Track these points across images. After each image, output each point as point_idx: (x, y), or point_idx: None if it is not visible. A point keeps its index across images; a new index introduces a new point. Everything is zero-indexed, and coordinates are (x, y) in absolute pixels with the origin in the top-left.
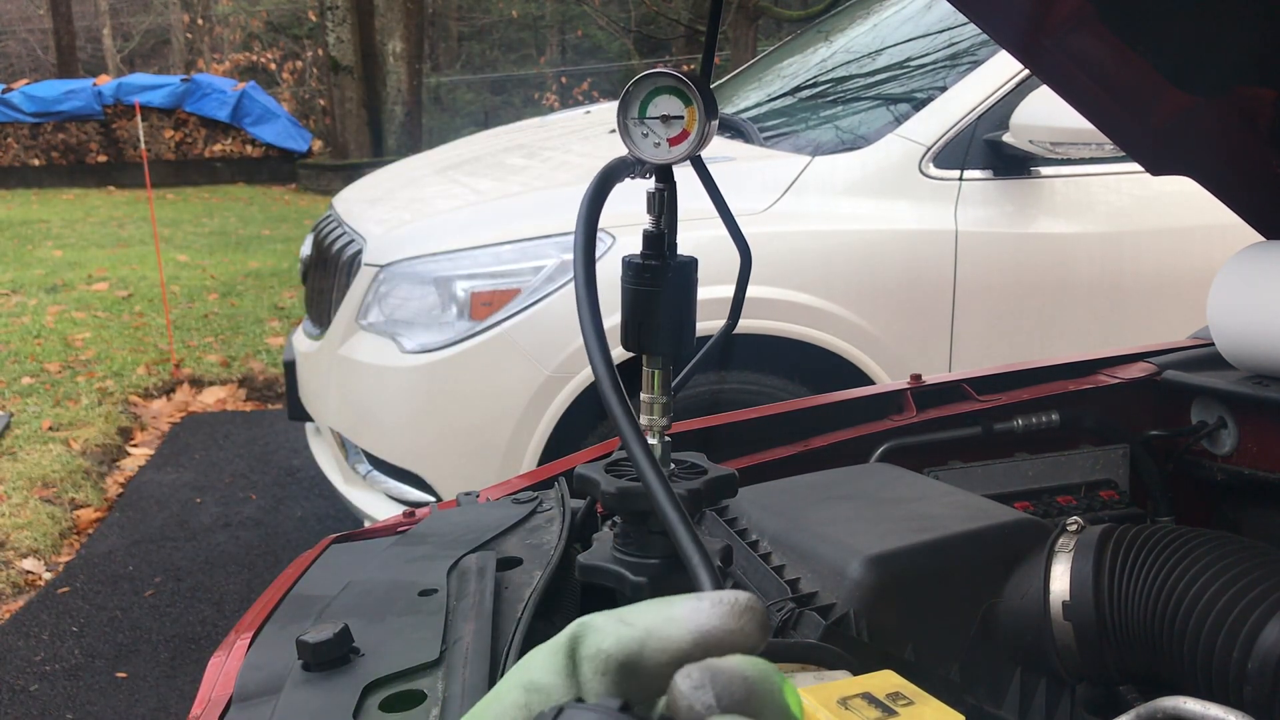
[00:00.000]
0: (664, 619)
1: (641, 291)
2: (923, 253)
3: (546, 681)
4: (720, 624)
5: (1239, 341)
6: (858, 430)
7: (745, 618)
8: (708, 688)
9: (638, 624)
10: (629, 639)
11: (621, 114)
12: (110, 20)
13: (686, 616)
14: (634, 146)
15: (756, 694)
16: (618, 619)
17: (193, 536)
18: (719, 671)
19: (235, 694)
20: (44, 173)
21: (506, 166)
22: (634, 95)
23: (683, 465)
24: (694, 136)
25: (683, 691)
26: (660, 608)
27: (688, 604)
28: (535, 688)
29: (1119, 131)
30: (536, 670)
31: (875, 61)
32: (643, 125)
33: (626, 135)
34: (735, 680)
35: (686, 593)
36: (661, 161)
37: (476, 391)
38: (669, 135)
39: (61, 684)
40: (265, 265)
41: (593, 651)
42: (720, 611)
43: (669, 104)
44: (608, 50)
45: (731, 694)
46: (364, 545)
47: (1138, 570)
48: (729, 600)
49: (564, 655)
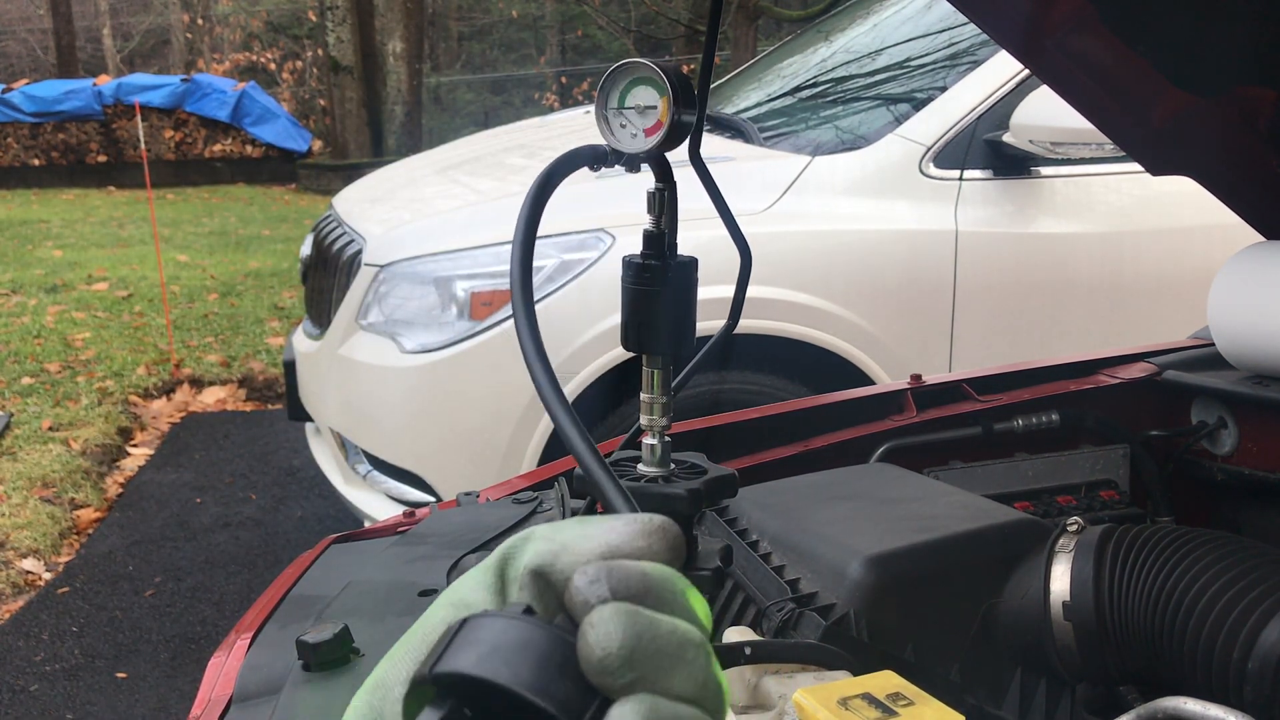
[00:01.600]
0: (579, 535)
1: (641, 291)
2: (923, 253)
3: (474, 598)
4: (628, 540)
5: (1239, 341)
6: (858, 430)
7: (655, 536)
8: (602, 581)
9: (555, 539)
10: (545, 552)
11: (600, 104)
12: (110, 20)
13: (598, 533)
14: (611, 137)
15: (654, 589)
16: (541, 536)
17: (193, 536)
18: (615, 568)
19: (235, 694)
20: (44, 173)
21: (506, 166)
22: (611, 86)
23: (683, 465)
24: (666, 126)
25: (578, 586)
26: (579, 525)
27: (604, 522)
28: (463, 604)
29: (1119, 131)
30: (466, 588)
31: (875, 61)
32: (621, 116)
33: (604, 125)
34: (632, 575)
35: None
36: (636, 152)
37: (477, 392)
38: (645, 125)
39: (61, 684)
40: (265, 265)
41: (517, 569)
42: (632, 530)
43: (645, 94)
44: (608, 50)
45: (627, 586)
46: (364, 545)
47: (1138, 570)
48: (642, 520)
49: (494, 573)
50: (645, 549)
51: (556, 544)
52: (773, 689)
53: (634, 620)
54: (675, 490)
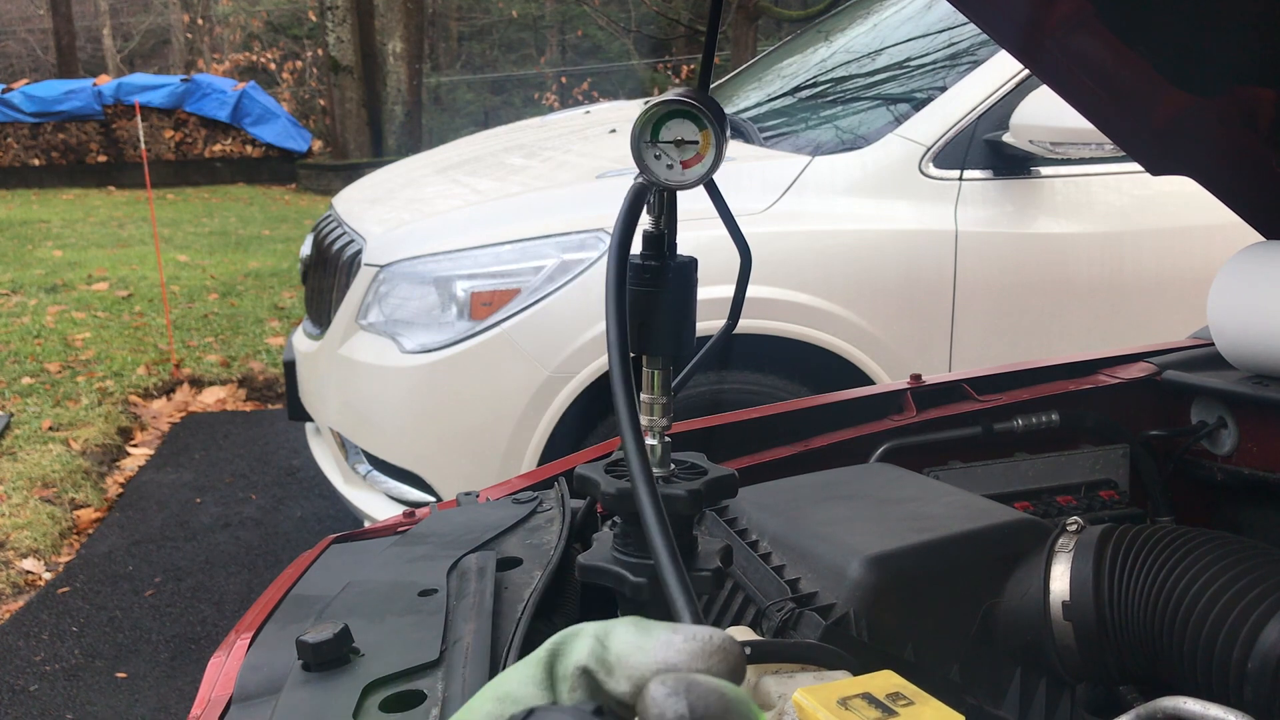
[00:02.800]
0: (635, 647)
1: (641, 292)
2: (923, 253)
3: (522, 693)
4: (687, 662)
5: (1239, 341)
6: (858, 430)
7: (715, 658)
8: (682, 696)
9: (611, 648)
10: (599, 659)
11: (635, 138)
12: (110, 20)
13: (656, 649)
14: (649, 171)
15: (732, 710)
16: (594, 637)
17: (193, 536)
18: (695, 683)
19: (235, 694)
20: (44, 173)
21: (506, 166)
22: (645, 121)
23: (683, 465)
24: (710, 158)
25: (655, 697)
26: (636, 634)
27: (662, 636)
28: (510, 699)
29: (1119, 131)
30: (512, 682)
31: (875, 61)
32: (655, 148)
33: (640, 161)
34: (711, 693)
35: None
36: (676, 184)
37: (476, 392)
38: (683, 158)
39: (61, 684)
40: (265, 265)
41: (567, 667)
42: (691, 649)
43: (681, 127)
44: (608, 50)
45: (706, 706)
46: (364, 545)
47: (1138, 570)
48: (703, 638)
49: (542, 668)
50: (704, 671)
51: (610, 653)
52: (772, 689)
53: None
54: (675, 491)
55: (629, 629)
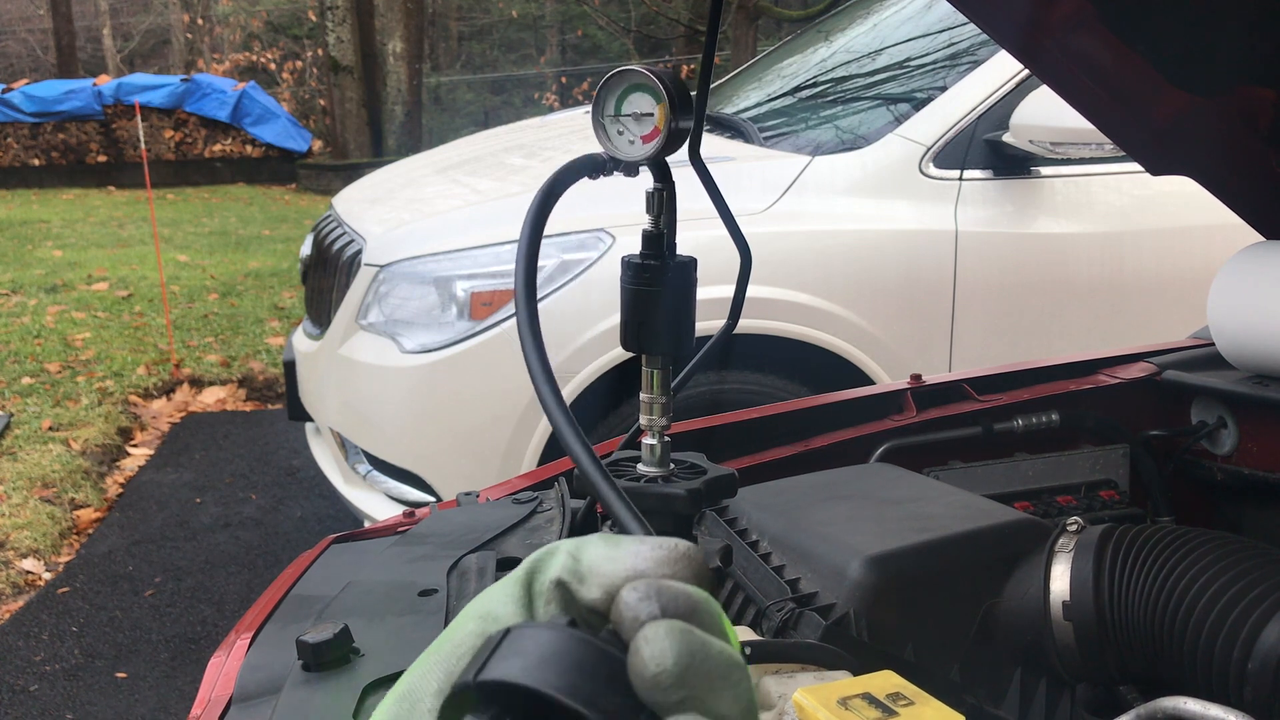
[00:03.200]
0: (604, 556)
1: (641, 291)
2: (923, 253)
3: (502, 611)
4: (654, 568)
5: (1239, 341)
6: (858, 430)
7: (681, 564)
8: (653, 599)
9: (583, 559)
10: (572, 570)
11: (597, 112)
12: (110, 20)
13: (624, 556)
14: (609, 144)
15: (699, 610)
16: (567, 553)
17: (193, 536)
18: (665, 586)
19: (235, 694)
20: (44, 173)
21: (506, 166)
22: (608, 93)
23: (683, 465)
24: (664, 133)
25: (628, 601)
26: (605, 546)
27: (631, 546)
28: (491, 617)
29: (1119, 131)
30: (493, 600)
31: (875, 61)
32: (618, 123)
33: (602, 133)
34: (680, 595)
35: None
36: (634, 158)
37: (476, 391)
38: (642, 132)
39: (61, 684)
40: (265, 265)
41: (543, 582)
42: (658, 556)
43: (642, 101)
44: (608, 50)
45: (676, 605)
46: (364, 545)
47: (1138, 570)
48: (668, 546)
49: (520, 585)
50: (670, 577)
51: (583, 565)
52: (772, 689)
53: (688, 638)
54: (675, 490)
55: (599, 542)
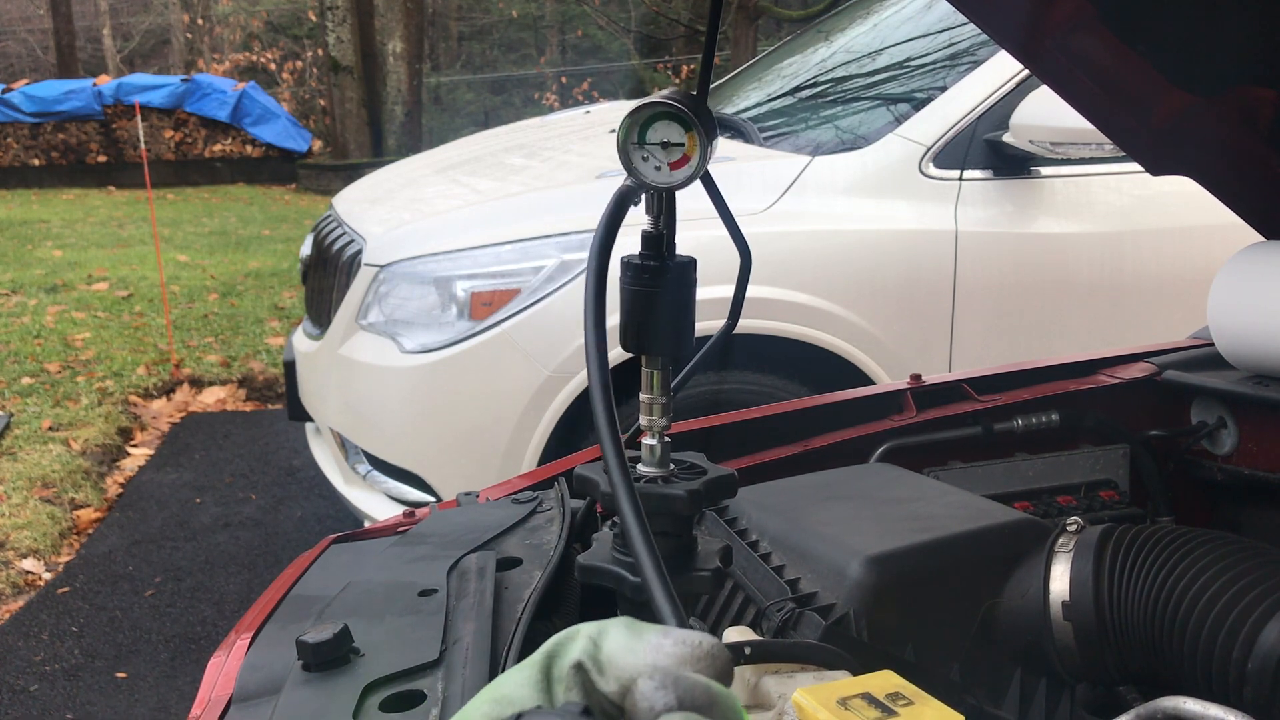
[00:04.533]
0: (625, 649)
1: (641, 292)
2: (923, 253)
3: (518, 695)
4: (674, 665)
5: (1239, 341)
6: (858, 430)
7: (703, 663)
8: (670, 689)
9: (604, 647)
10: (591, 657)
11: (621, 142)
12: (110, 20)
13: (646, 652)
14: (637, 172)
15: (718, 706)
16: (589, 638)
17: (193, 536)
18: (682, 678)
19: (235, 694)
20: (44, 173)
21: (506, 166)
22: (632, 123)
23: (683, 465)
24: (696, 159)
25: (644, 691)
26: (628, 636)
27: (652, 639)
28: (506, 701)
29: (1119, 131)
30: (509, 684)
31: (875, 61)
32: (643, 150)
33: (627, 162)
34: (698, 689)
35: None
36: (663, 185)
37: (476, 392)
38: (670, 160)
39: (61, 684)
40: (265, 265)
41: (563, 668)
42: (679, 652)
43: (668, 129)
44: (608, 50)
45: (693, 699)
46: (364, 545)
47: (1138, 570)
48: (692, 642)
49: (538, 670)
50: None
51: (603, 654)
52: (772, 689)
53: None
54: (675, 490)
55: (622, 631)
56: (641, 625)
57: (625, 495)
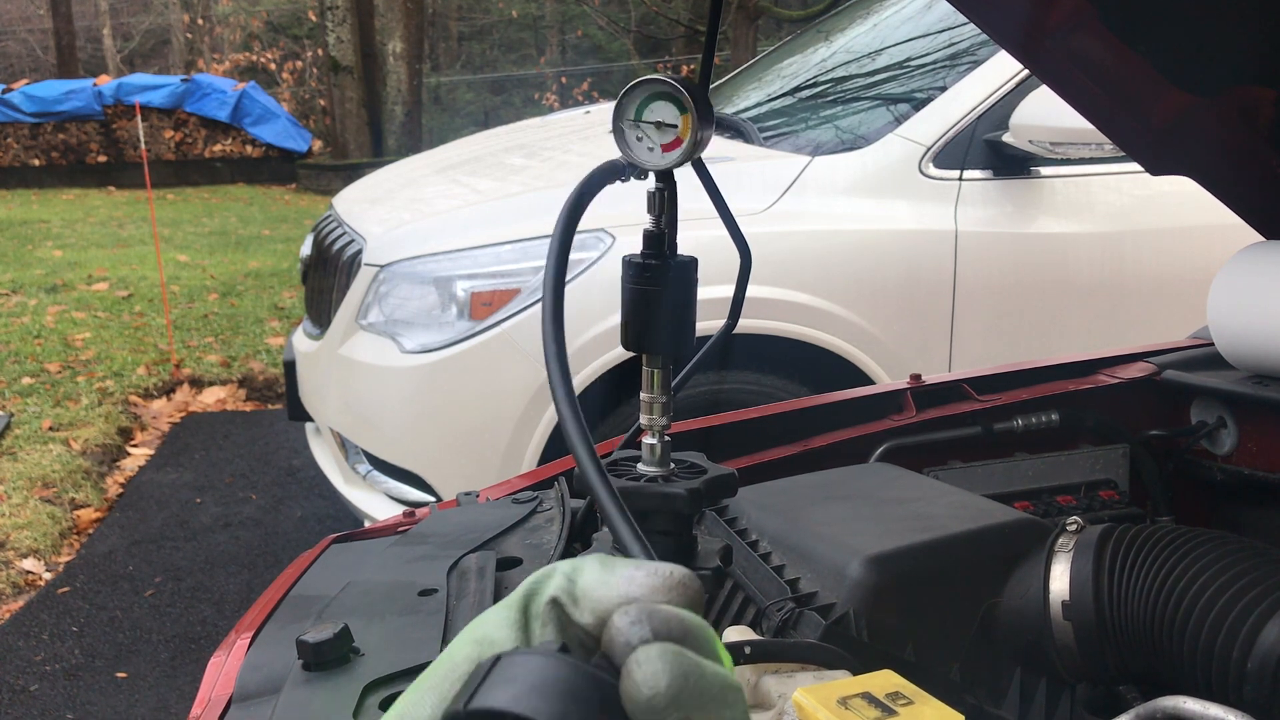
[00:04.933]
0: (599, 582)
1: (641, 291)
2: (923, 253)
3: (499, 635)
4: (647, 595)
5: (1239, 341)
6: (858, 430)
7: (675, 591)
8: (644, 623)
9: (578, 582)
10: (567, 592)
11: (616, 118)
12: (110, 20)
13: (618, 582)
14: (628, 150)
15: (692, 634)
16: (564, 574)
17: (193, 536)
18: (656, 610)
19: (235, 694)
20: (44, 173)
21: (506, 166)
22: (630, 100)
23: (683, 465)
24: (687, 144)
25: (619, 626)
26: (601, 570)
27: (625, 571)
28: (488, 641)
29: (1119, 131)
30: (489, 624)
31: (875, 61)
32: (637, 129)
33: (621, 139)
34: (672, 618)
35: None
36: (655, 167)
37: (476, 391)
38: (663, 141)
39: (61, 684)
40: (265, 265)
41: (539, 605)
42: (651, 583)
43: (664, 110)
44: (608, 50)
45: (669, 629)
46: (364, 545)
47: (1138, 570)
48: (663, 573)
49: (516, 609)
50: (664, 603)
51: (578, 587)
52: (772, 688)
53: (680, 661)
54: (675, 490)
55: (595, 565)
56: (614, 559)
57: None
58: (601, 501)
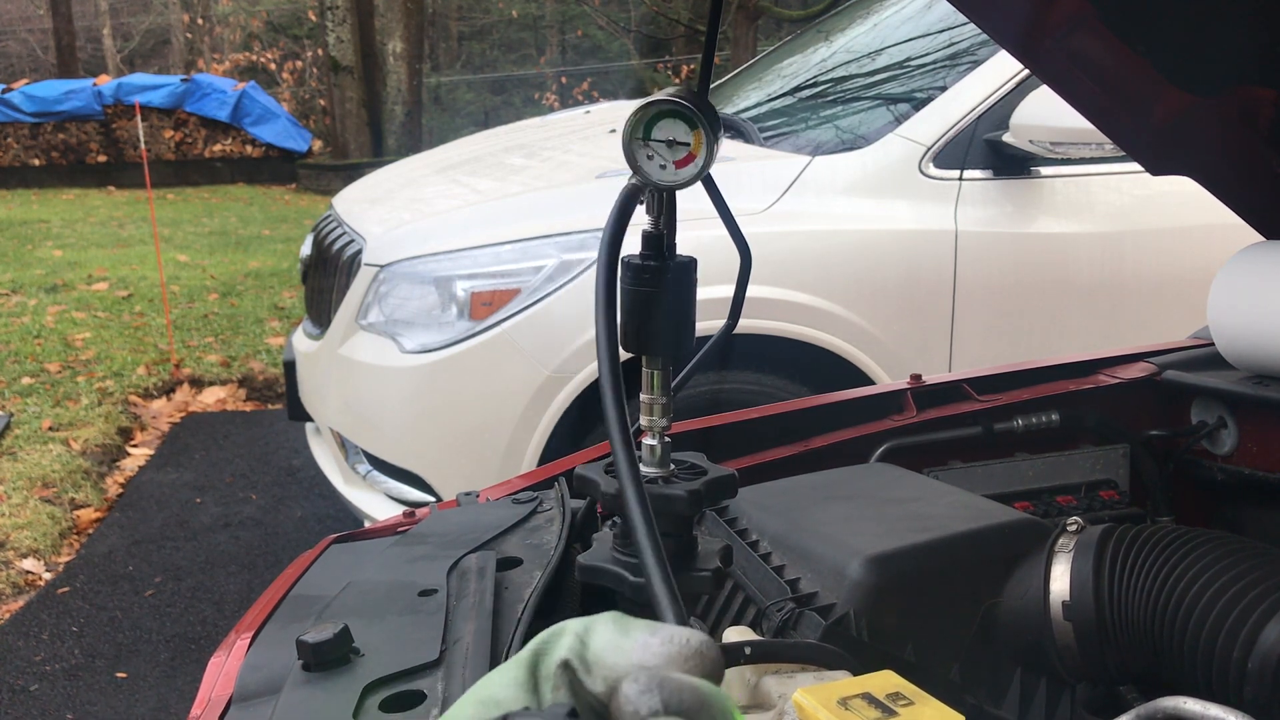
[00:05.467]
0: (612, 647)
1: (641, 292)
2: (923, 253)
3: (505, 695)
4: (662, 665)
5: (1239, 341)
6: (858, 430)
7: (691, 661)
8: (654, 693)
9: (591, 645)
10: (578, 655)
11: (626, 140)
12: (110, 20)
13: (633, 650)
14: (639, 169)
15: (706, 706)
16: (575, 635)
17: (193, 536)
18: (668, 680)
19: (235, 694)
20: (44, 173)
21: (506, 166)
22: (639, 119)
23: (683, 465)
24: (701, 158)
25: (628, 695)
26: (615, 634)
27: (640, 637)
28: (493, 702)
29: (1119, 131)
30: (495, 685)
31: (875, 61)
32: (647, 148)
33: (632, 160)
34: (685, 689)
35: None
36: (668, 184)
37: (476, 392)
38: (675, 158)
39: (61, 684)
40: (265, 265)
41: (550, 666)
42: (666, 651)
43: (673, 127)
44: (608, 50)
45: (680, 701)
46: (364, 545)
47: (1138, 570)
48: (679, 640)
49: (525, 669)
50: (680, 672)
51: (590, 651)
52: (773, 689)
53: None
54: (675, 490)
55: (609, 628)
56: (629, 621)
57: (633, 493)
58: (644, 555)
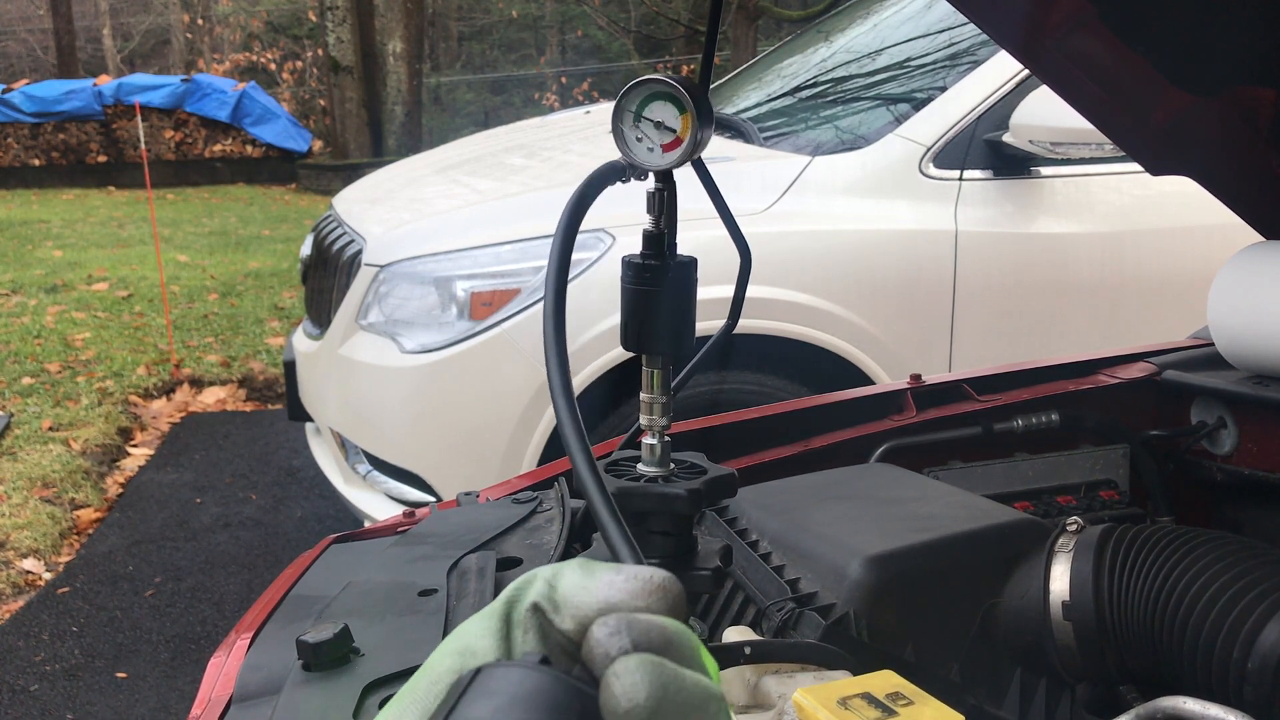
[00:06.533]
0: (580, 587)
1: (641, 291)
2: (923, 253)
3: (480, 645)
4: (628, 600)
5: (1239, 341)
6: (858, 430)
7: (655, 595)
8: (623, 634)
9: (559, 587)
10: (548, 598)
11: (616, 118)
12: (110, 20)
13: (598, 588)
14: (627, 151)
15: (673, 644)
16: (545, 579)
17: (193, 536)
18: (635, 620)
19: (235, 694)
20: (44, 173)
21: (506, 166)
22: (629, 100)
23: (683, 465)
24: (687, 144)
25: (598, 637)
26: (582, 575)
27: (605, 576)
28: (469, 651)
29: (1119, 131)
30: (470, 634)
31: (875, 61)
32: (637, 129)
33: (620, 139)
34: (653, 628)
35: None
36: (654, 167)
37: (476, 392)
38: (663, 141)
39: (61, 684)
40: (265, 265)
41: (521, 612)
42: (631, 587)
43: (664, 110)
44: (608, 50)
45: (649, 639)
46: (364, 545)
47: (1138, 570)
48: (643, 578)
49: (498, 618)
50: (644, 609)
51: (558, 593)
52: (773, 689)
53: (660, 672)
54: (675, 490)
55: (576, 570)
56: (595, 564)
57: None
58: (592, 500)
